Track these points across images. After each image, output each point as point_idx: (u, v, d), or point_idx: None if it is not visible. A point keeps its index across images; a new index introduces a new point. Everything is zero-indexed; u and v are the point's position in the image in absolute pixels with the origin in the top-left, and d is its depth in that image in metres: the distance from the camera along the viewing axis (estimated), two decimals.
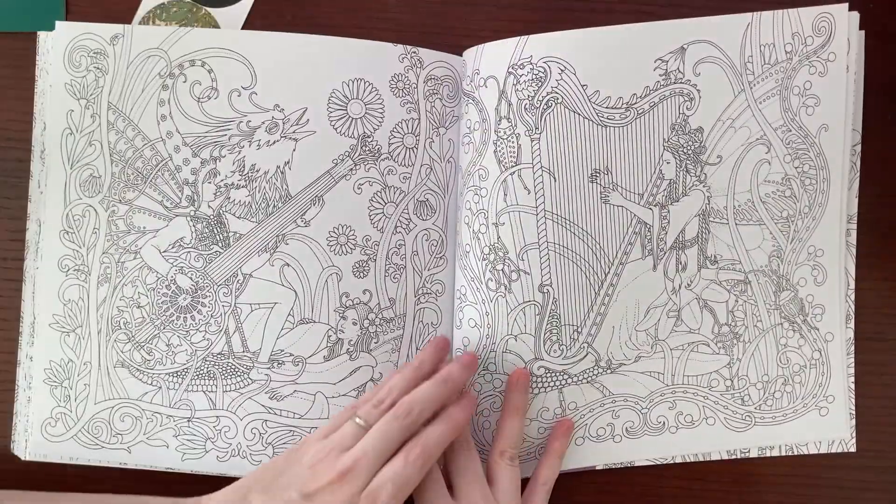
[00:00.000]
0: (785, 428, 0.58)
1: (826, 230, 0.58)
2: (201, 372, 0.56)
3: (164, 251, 0.56)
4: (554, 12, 0.60)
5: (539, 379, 0.57)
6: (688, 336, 0.57)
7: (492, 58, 0.56)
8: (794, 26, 0.55)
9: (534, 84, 0.55)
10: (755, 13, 0.55)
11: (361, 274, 0.56)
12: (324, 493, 0.48)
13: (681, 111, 0.55)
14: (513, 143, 0.55)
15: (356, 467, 0.48)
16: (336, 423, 0.51)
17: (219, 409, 0.56)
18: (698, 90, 0.55)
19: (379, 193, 0.57)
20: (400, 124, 0.57)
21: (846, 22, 0.55)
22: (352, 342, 0.56)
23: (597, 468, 0.59)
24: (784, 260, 0.58)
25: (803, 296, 0.58)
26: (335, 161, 0.56)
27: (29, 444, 0.56)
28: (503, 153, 0.55)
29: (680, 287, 0.57)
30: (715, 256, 0.57)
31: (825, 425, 0.59)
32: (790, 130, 0.56)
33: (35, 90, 0.57)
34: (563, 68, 0.55)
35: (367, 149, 0.56)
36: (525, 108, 0.55)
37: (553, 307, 0.56)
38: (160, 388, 0.56)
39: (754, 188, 0.57)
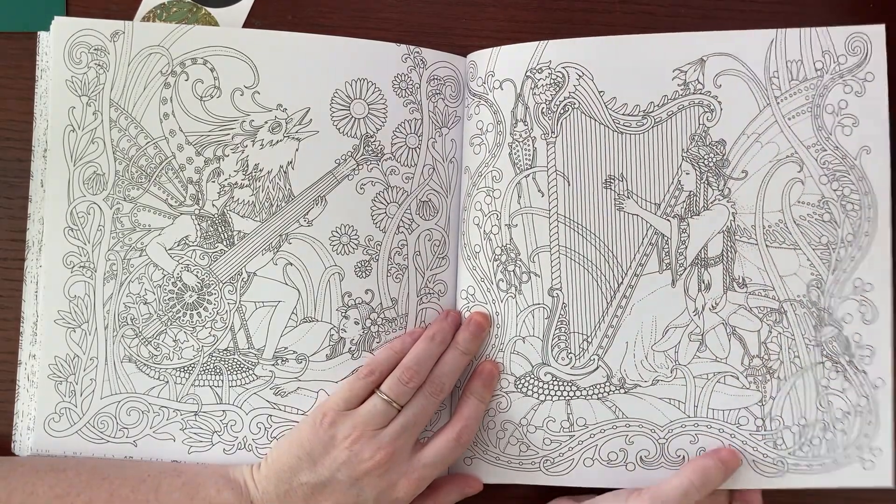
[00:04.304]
0: (821, 478, 0.51)
1: (875, 263, 0.50)
2: (208, 367, 0.53)
3: (170, 249, 0.54)
4: (554, 13, 0.57)
5: (546, 386, 0.53)
6: (713, 365, 0.52)
7: (508, 61, 0.53)
8: (824, 44, 0.51)
9: (552, 88, 0.52)
10: (779, 30, 0.51)
11: (364, 274, 0.53)
12: (371, 477, 0.48)
13: (701, 122, 0.52)
14: (528, 146, 0.52)
15: (397, 450, 0.49)
16: (353, 390, 0.50)
17: (225, 404, 0.54)
18: (719, 102, 0.52)
19: (381, 193, 0.54)
20: (403, 124, 0.54)
21: (884, 43, 0.50)
22: (354, 341, 0.53)
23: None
24: (825, 292, 0.51)
25: (849, 334, 0.50)
26: (338, 161, 0.53)
27: (31, 441, 0.53)
28: (518, 155, 0.53)
29: (703, 308, 0.52)
30: (743, 279, 0.52)
31: (868, 479, 0.50)
32: (825, 150, 0.51)
33: (36, 90, 0.54)
34: (580, 74, 0.52)
35: (370, 149, 0.54)
36: (542, 112, 0.52)
37: (562, 312, 0.52)
38: (167, 382, 0.53)
39: (786, 208, 0.51)
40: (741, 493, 0.52)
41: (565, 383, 0.53)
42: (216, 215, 0.53)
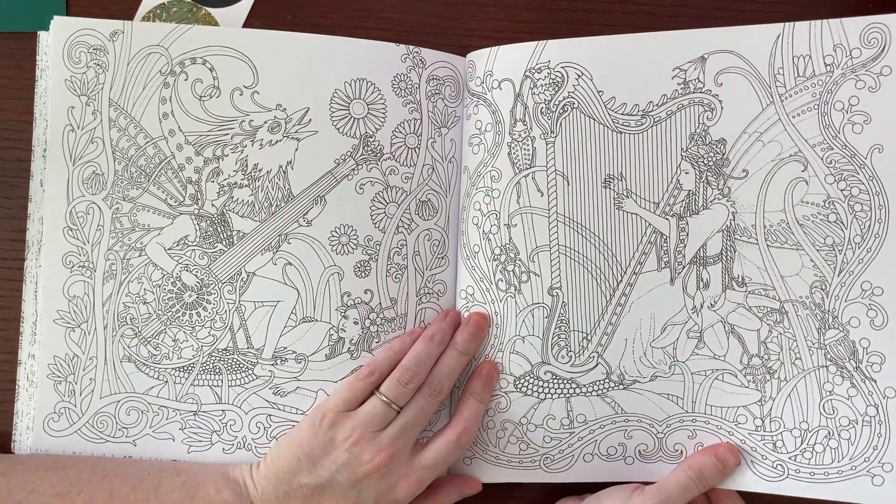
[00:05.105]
0: (825, 489, 0.48)
1: (886, 266, 0.48)
2: (207, 367, 0.53)
3: (169, 249, 0.53)
4: (554, 13, 0.57)
5: (545, 384, 0.53)
6: (711, 362, 0.52)
7: (507, 60, 0.53)
8: (836, 38, 0.49)
9: (551, 88, 0.52)
10: (787, 24, 0.49)
11: (363, 273, 0.53)
12: (371, 479, 0.48)
13: (700, 121, 0.51)
14: (527, 145, 0.52)
15: (397, 451, 0.49)
16: (352, 391, 0.50)
17: (224, 404, 0.53)
18: (720, 101, 0.51)
19: (381, 193, 0.53)
20: (402, 124, 0.54)
21: None
22: (353, 341, 0.53)
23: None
24: (830, 293, 0.49)
25: (856, 338, 0.48)
26: (337, 161, 0.53)
27: (30, 441, 0.53)
28: (517, 155, 0.52)
29: (702, 306, 0.51)
30: (742, 278, 0.51)
31: (877, 497, 0.48)
32: (832, 149, 0.49)
33: (35, 90, 0.54)
34: (580, 74, 0.52)
35: (369, 149, 0.53)
36: (541, 112, 0.52)
37: (562, 311, 0.52)
38: (167, 382, 0.53)
39: (789, 208, 0.50)
40: (719, 495, 0.52)
41: (565, 381, 0.53)
42: (215, 215, 0.53)
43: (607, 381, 0.52)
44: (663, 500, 0.49)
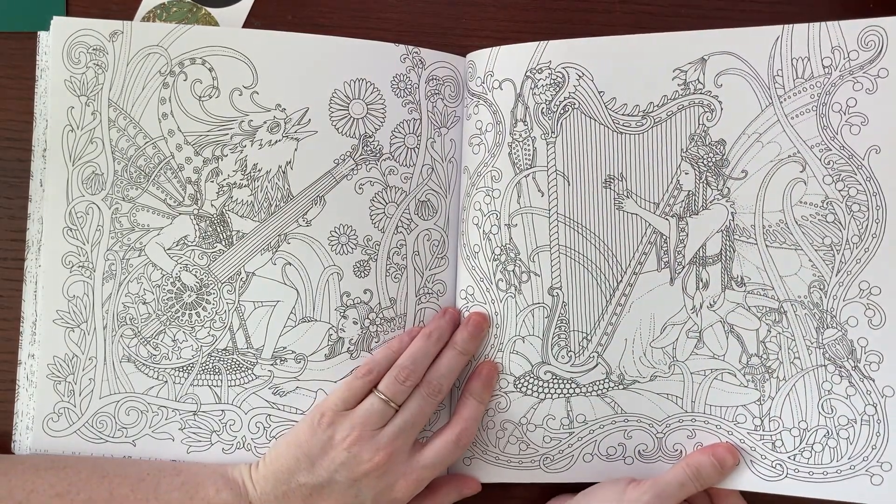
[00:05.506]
0: (824, 488, 0.49)
1: (883, 265, 0.48)
2: (207, 367, 0.53)
3: (169, 249, 0.53)
4: (554, 13, 0.57)
5: (545, 384, 0.53)
6: (711, 361, 0.52)
7: (508, 61, 0.53)
8: (834, 40, 0.49)
9: (551, 89, 0.52)
10: (786, 25, 0.50)
11: (362, 273, 0.53)
12: (370, 478, 0.48)
13: (700, 122, 0.51)
14: (528, 145, 0.52)
15: (396, 451, 0.49)
16: (351, 390, 0.50)
17: (224, 404, 0.53)
18: (720, 101, 0.51)
19: (380, 193, 0.54)
20: (401, 124, 0.54)
21: None
22: (352, 341, 0.53)
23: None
24: (828, 293, 0.49)
25: (854, 338, 0.49)
26: (336, 161, 0.53)
27: (30, 441, 0.53)
28: (518, 155, 0.52)
29: (701, 306, 0.51)
30: (742, 278, 0.51)
31: (876, 495, 0.48)
32: (830, 150, 0.49)
33: (35, 90, 0.54)
34: (580, 74, 0.52)
35: (369, 149, 0.53)
36: (542, 112, 0.52)
37: (562, 311, 0.52)
38: (166, 382, 0.53)
39: (787, 208, 0.50)
40: (720, 494, 0.52)
41: (565, 381, 0.53)
42: (215, 215, 0.53)
43: (607, 381, 0.52)
44: (659, 495, 0.49)
